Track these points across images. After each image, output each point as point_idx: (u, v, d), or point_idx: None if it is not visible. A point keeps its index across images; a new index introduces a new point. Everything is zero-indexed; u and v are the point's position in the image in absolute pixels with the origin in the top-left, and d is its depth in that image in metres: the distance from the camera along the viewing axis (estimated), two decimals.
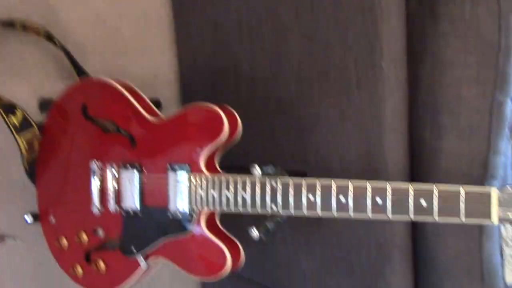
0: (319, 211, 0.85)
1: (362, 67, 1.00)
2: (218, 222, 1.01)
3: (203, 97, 1.41)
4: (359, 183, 0.82)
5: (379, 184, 0.81)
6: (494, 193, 0.74)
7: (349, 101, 1.04)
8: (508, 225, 1.35)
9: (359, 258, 1.09)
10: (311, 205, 0.86)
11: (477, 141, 0.94)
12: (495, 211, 0.74)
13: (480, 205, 0.74)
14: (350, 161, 1.06)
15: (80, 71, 1.33)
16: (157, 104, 1.52)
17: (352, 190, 0.83)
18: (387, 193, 0.80)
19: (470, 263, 0.97)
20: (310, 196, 0.86)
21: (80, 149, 1.12)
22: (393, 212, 0.80)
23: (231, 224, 1.07)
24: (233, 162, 1.26)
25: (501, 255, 1.04)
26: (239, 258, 0.98)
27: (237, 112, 0.99)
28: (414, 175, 1.02)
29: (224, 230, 1.01)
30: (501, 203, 0.74)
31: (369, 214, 0.82)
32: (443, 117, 0.95)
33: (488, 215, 0.74)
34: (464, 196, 0.75)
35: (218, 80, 1.35)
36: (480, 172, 0.95)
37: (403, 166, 1.01)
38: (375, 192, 0.81)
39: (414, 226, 1.03)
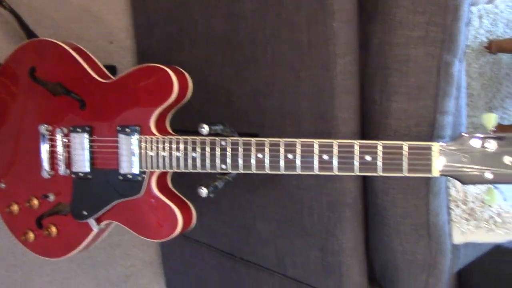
0: (267, 169, 0.86)
1: (313, 28, 1.00)
2: (169, 183, 1.01)
3: (159, 62, 1.40)
4: (307, 141, 0.83)
5: (326, 141, 0.81)
6: (435, 147, 0.75)
7: (302, 62, 1.03)
8: (458, 187, 1.39)
9: (312, 219, 1.10)
10: (260, 163, 0.86)
11: (424, 101, 0.95)
12: (435, 165, 0.75)
13: (422, 160, 0.76)
14: (304, 123, 1.06)
15: (30, 35, 1.29)
16: (113, 70, 1.50)
17: (299, 147, 0.83)
18: (334, 150, 0.80)
19: (418, 221, 1.00)
20: (259, 155, 0.86)
21: (29, 113, 1.10)
22: (339, 169, 0.81)
23: (186, 185, 1.07)
24: (189, 127, 1.25)
25: (448, 214, 1.07)
26: (191, 219, 0.98)
27: (193, 76, 0.98)
28: (365, 135, 1.03)
29: (176, 191, 1.00)
30: (441, 158, 0.75)
31: (316, 170, 0.82)
32: (393, 77, 0.96)
33: (429, 169, 0.75)
34: (406, 151, 0.76)
35: (174, 44, 1.33)
36: (428, 132, 0.96)
37: (354, 126, 1.02)
38: (322, 149, 0.81)
39: (365, 186, 1.05)
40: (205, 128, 0.85)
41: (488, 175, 0.74)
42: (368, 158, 0.79)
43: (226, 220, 1.33)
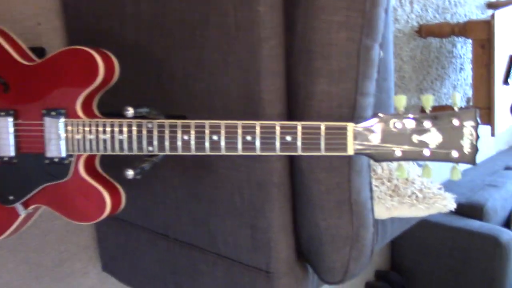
0: (193, 150, 0.88)
1: (240, 12, 1.02)
2: (98, 166, 1.01)
3: (89, 43, 1.38)
4: (231, 122, 0.85)
5: (249, 123, 0.84)
6: (350, 127, 0.79)
7: (230, 45, 1.05)
8: (384, 165, 1.46)
9: (242, 199, 1.14)
10: (186, 145, 0.88)
11: (345, 83, 1.00)
12: (350, 144, 0.80)
13: (338, 139, 0.80)
14: (232, 105, 1.09)
15: None
16: (41, 52, 1.46)
17: (224, 129, 0.85)
18: (256, 131, 0.83)
19: (340, 198, 1.05)
20: (185, 137, 0.88)
21: None
22: (262, 149, 0.84)
23: (116, 167, 1.08)
24: (118, 109, 1.25)
25: (370, 190, 1.13)
26: (120, 201, 0.99)
27: (122, 57, 0.98)
28: (290, 117, 1.07)
29: (104, 174, 1.01)
30: (356, 137, 0.79)
31: (240, 151, 0.85)
32: (316, 61, 1.00)
33: (344, 148, 0.80)
34: (324, 131, 0.80)
35: (103, 25, 1.32)
36: (349, 113, 1.01)
37: (280, 108, 1.05)
38: (245, 130, 0.84)
39: (292, 165, 1.09)
40: (130, 111, 0.86)
41: (398, 153, 0.79)
42: (288, 138, 0.82)
43: (159, 201, 1.34)
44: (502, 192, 2.82)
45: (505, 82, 2.47)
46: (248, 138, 0.84)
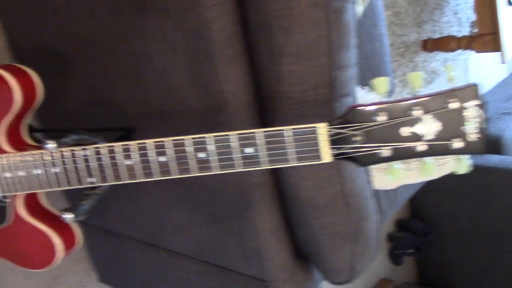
0: (141, 177, 0.72)
1: None
2: (43, 202, 0.86)
3: (32, 41, 1.20)
4: (178, 138, 0.69)
5: (199, 137, 0.67)
6: (322, 130, 0.62)
7: (173, 31, 0.88)
8: None
9: (222, 205, 0.99)
10: (132, 171, 0.72)
11: (317, 59, 0.82)
12: (325, 150, 0.63)
13: (309, 146, 0.63)
14: (190, 101, 0.92)
15: None
16: None
17: (172, 147, 0.69)
18: (208, 146, 0.67)
19: (332, 192, 0.89)
20: (128, 162, 0.72)
21: None
22: (220, 167, 0.68)
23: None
24: (63, 119, 1.09)
25: (367, 173, 0.97)
26: (74, 240, 0.85)
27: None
28: (261, 107, 0.90)
29: (53, 210, 0.86)
30: (332, 140, 0.63)
31: (195, 171, 0.69)
32: (277, 37, 0.81)
33: (318, 155, 0.63)
34: (290, 137, 0.63)
35: (42, 15, 1.13)
36: (327, 93, 0.84)
37: (246, 98, 0.88)
38: (197, 146, 0.68)
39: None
40: (50, 145, 0.70)
41: (386, 152, 0.62)
42: (249, 150, 0.66)
43: (139, 210, 1.20)
44: None
45: (510, 3, 2.23)
46: (201, 155, 0.68)
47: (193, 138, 0.68)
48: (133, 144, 0.71)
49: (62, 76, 1.12)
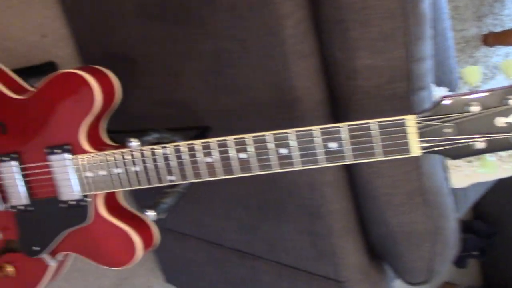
0: (221, 174, 0.72)
1: None
2: (121, 201, 0.87)
3: (99, 46, 1.23)
4: (259, 135, 0.68)
5: (281, 132, 0.67)
6: (410, 122, 0.60)
7: (245, 30, 0.87)
8: None
9: (294, 204, 0.98)
10: (211, 168, 0.72)
11: (394, 52, 0.80)
12: (414, 143, 0.61)
13: (397, 139, 0.61)
14: (262, 99, 0.92)
15: None
16: (52, 67, 1.33)
17: (252, 144, 0.69)
18: (290, 141, 0.66)
19: (410, 188, 0.87)
20: (208, 159, 0.72)
21: None
22: (302, 163, 0.67)
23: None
24: (134, 121, 1.11)
25: (444, 169, 0.93)
26: (151, 238, 0.86)
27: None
28: (334, 102, 0.89)
29: (131, 209, 0.87)
30: (421, 133, 0.61)
31: (276, 167, 0.68)
32: (352, 30, 0.80)
33: (406, 149, 0.61)
34: (377, 130, 0.62)
35: (109, 22, 1.16)
36: (404, 87, 0.81)
37: (318, 94, 0.87)
38: (278, 142, 0.67)
39: None
40: (134, 143, 0.71)
41: (479, 144, 0.59)
42: (332, 145, 0.64)
43: (208, 211, 1.21)
44: None
45: None
46: (283, 151, 0.67)
47: (274, 134, 0.67)
48: (213, 141, 0.71)
49: (131, 79, 1.13)
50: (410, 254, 0.92)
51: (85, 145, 0.81)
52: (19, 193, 0.88)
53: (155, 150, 0.74)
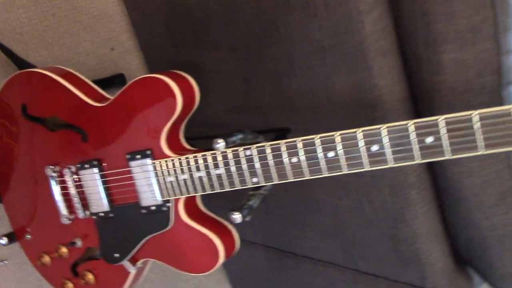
0: (307, 174, 0.70)
1: None
2: (201, 206, 0.87)
3: (166, 57, 1.25)
4: (348, 132, 0.66)
5: (371, 128, 0.64)
6: None
7: (321, 29, 0.85)
8: None
9: (373, 208, 0.94)
10: (297, 169, 0.70)
11: (482, 44, 0.76)
12: None
13: (502, 130, 0.57)
14: (340, 100, 0.89)
15: (22, 65, 1.16)
16: (122, 79, 1.36)
17: (340, 141, 0.66)
18: (383, 138, 0.63)
19: (502, 188, 0.82)
20: (294, 159, 0.70)
21: (34, 155, 0.98)
22: (395, 160, 0.64)
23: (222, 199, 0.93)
24: (208, 130, 1.10)
25: None
26: (233, 243, 0.84)
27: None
28: (417, 100, 0.85)
29: (210, 213, 0.86)
30: None
31: (367, 166, 0.66)
32: (437, 24, 0.77)
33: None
34: (478, 122, 0.58)
35: (177, 35, 1.17)
36: (494, 80, 0.77)
37: (401, 92, 0.84)
38: (369, 139, 0.64)
39: None
40: (221, 143, 0.70)
41: None
42: (429, 139, 0.61)
43: (277, 218, 1.19)
44: None
45: None
46: (374, 148, 0.64)
47: (363, 131, 0.65)
48: (298, 141, 0.69)
49: (200, 87, 1.14)
50: (503, 258, 0.86)
51: (166, 149, 0.81)
52: (100, 200, 0.89)
53: (239, 152, 0.73)
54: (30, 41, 1.24)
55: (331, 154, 0.67)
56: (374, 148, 0.64)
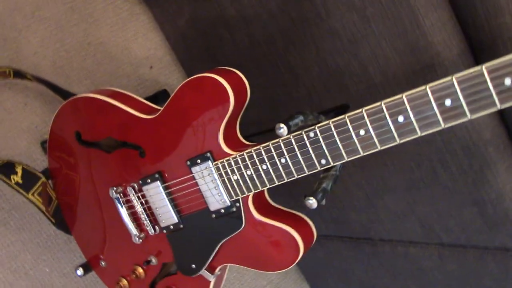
0: (378, 145, 0.66)
1: None
2: (270, 201, 0.84)
3: (206, 64, 1.23)
4: (415, 92, 0.61)
5: (440, 83, 0.59)
6: None
7: None
8: None
9: (450, 174, 0.89)
10: (366, 141, 0.66)
11: None
12: None
13: None
14: (393, 66, 0.85)
15: (66, 95, 1.17)
16: (165, 94, 1.35)
17: (408, 103, 0.62)
18: (457, 90, 0.58)
19: None
20: (361, 132, 0.66)
21: (94, 182, 0.98)
22: (471, 111, 0.59)
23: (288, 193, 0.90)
24: (262, 123, 1.08)
25: None
26: (311, 232, 0.81)
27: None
28: (476, 53, 0.80)
29: (280, 207, 0.83)
30: None
31: (442, 123, 0.61)
32: None
33: None
34: None
35: (212, 39, 1.15)
36: None
37: (458, 45, 0.79)
38: (439, 94, 0.60)
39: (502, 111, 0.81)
40: (283, 128, 0.67)
41: None
42: (508, 81, 0.56)
43: (347, 205, 1.14)
44: None
45: None
46: (448, 102, 0.60)
47: (431, 86, 0.60)
48: (361, 111, 0.65)
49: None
50: None
51: (226, 148, 0.79)
52: (167, 212, 0.88)
53: (302, 135, 0.70)
54: (71, 72, 1.26)
55: (400, 118, 0.63)
56: (447, 102, 0.60)
